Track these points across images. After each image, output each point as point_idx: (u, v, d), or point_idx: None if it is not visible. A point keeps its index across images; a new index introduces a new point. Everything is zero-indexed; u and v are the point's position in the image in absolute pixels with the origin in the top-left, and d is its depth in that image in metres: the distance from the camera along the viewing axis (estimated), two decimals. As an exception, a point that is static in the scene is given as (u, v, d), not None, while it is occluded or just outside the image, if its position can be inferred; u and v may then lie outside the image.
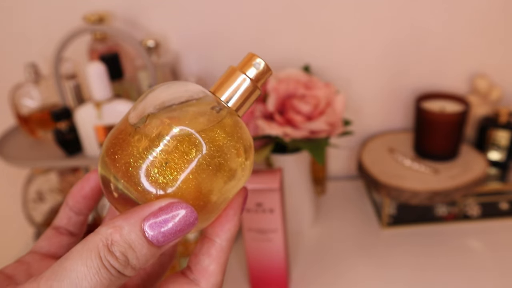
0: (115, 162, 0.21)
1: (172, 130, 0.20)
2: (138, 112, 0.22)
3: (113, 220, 0.19)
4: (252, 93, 0.23)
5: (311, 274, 0.60)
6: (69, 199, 0.26)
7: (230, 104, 0.23)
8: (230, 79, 0.23)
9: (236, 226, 0.23)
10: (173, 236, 0.19)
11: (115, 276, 0.18)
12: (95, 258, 0.18)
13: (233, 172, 0.21)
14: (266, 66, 0.23)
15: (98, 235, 0.18)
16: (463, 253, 0.61)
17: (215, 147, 0.20)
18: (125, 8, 0.67)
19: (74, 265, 0.18)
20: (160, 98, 0.22)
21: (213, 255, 0.22)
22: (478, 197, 0.67)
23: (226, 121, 0.22)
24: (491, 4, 0.67)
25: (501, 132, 0.69)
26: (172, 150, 0.20)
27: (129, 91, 0.63)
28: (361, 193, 0.76)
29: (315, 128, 0.55)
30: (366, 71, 0.73)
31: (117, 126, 0.22)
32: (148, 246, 0.19)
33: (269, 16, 0.68)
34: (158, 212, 0.19)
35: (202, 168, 0.20)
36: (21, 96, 0.63)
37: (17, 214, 0.72)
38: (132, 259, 0.18)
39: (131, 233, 0.18)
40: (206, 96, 0.22)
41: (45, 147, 0.63)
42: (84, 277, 0.18)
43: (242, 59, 0.24)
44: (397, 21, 0.68)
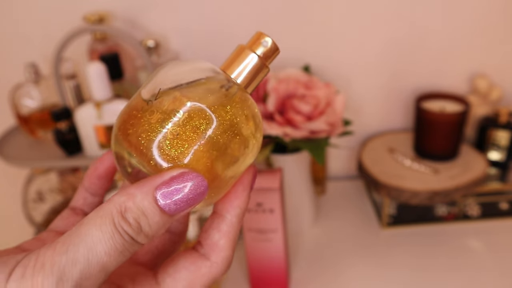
0: (128, 137, 0.21)
1: (185, 105, 0.21)
2: (149, 88, 0.22)
3: (126, 188, 0.20)
4: (261, 71, 0.24)
5: (311, 274, 0.60)
6: (85, 180, 0.26)
7: (239, 81, 0.24)
8: (239, 57, 0.24)
9: (246, 202, 0.23)
10: (184, 204, 0.20)
11: (128, 242, 0.19)
12: (109, 223, 0.18)
13: (242, 145, 0.22)
14: (274, 44, 0.24)
15: (112, 203, 0.19)
16: (463, 253, 0.61)
17: (225, 121, 0.21)
18: (125, 8, 0.67)
19: (89, 230, 0.18)
20: (171, 75, 0.23)
21: (223, 230, 0.22)
22: (478, 197, 0.67)
23: (235, 97, 0.22)
24: (491, 4, 0.67)
25: (501, 132, 0.69)
26: (183, 124, 0.21)
27: (129, 91, 0.63)
28: (361, 193, 0.76)
29: (315, 128, 0.55)
30: (366, 71, 0.73)
31: (129, 103, 0.23)
32: (160, 213, 0.19)
33: (269, 16, 0.68)
34: (169, 181, 0.20)
35: (213, 142, 0.21)
36: (21, 96, 0.63)
37: (17, 214, 0.72)
38: (144, 225, 0.19)
39: (143, 201, 0.19)
40: (216, 74, 0.23)
41: (45, 147, 0.63)
42: (98, 241, 0.18)
43: (251, 37, 0.24)
44: (397, 21, 0.68)
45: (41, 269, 0.17)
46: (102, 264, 0.18)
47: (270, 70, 0.25)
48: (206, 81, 0.23)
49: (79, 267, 0.18)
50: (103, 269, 0.18)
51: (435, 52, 0.71)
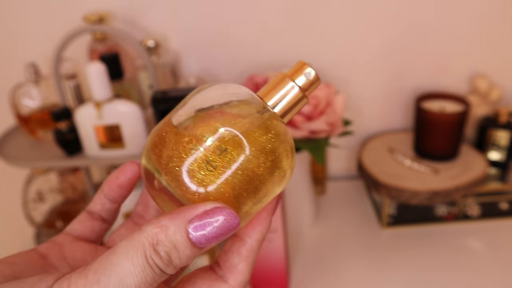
0: (159, 158, 0.21)
1: (218, 131, 0.21)
2: (184, 111, 0.22)
3: (158, 219, 0.20)
4: (300, 102, 0.23)
5: (311, 274, 0.60)
6: (104, 186, 0.26)
7: (277, 110, 0.23)
8: (279, 86, 0.23)
9: (267, 228, 0.23)
10: (214, 239, 0.20)
11: (157, 274, 0.19)
12: (141, 256, 0.18)
13: (276, 177, 0.21)
14: (316, 76, 0.23)
15: (144, 233, 0.19)
16: (463, 253, 0.61)
17: (259, 150, 0.21)
18: (125, 8, 0.67)
19: (120, 260, 0.18)
20: (207, 98, 0.22)
21: (243, 255, 0.22)
22: (478, 197, 0.67)
23: (271, 125, 0.22)
24: (491, 4, 0.67)
25: (501, 132, 0.69)
26: (216, 150, 0.20)
27: (129, 91, 0.63)
28: (361, 193, 0.76)
29: (315, 128, 0.56)
30: (366, 71, 0.73)
31: (163, 123, 0.23)
32: (191, 247, 0.19)
33: (269, 16, 0.68)
34: (203, 215, 0.20)
35: (243, 171, 0.20)
36: (21, 96, 0.63)
37: (17, 214, 0.72)
38: (175, 258, 0.19)
39: (176, 234, 0.19)
40: (253, 99, 0.23)
41: (45, 147, 0.63)
42: (130, 273, 0.18)
43: (292, 66, 0.24)
44: (397, 21, 0.68)
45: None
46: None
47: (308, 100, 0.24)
48: (243, 105, 0.22)
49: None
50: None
51: (435, 52, 0.71)
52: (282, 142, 0.22)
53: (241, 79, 0.72)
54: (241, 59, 0.71)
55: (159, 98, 0.53)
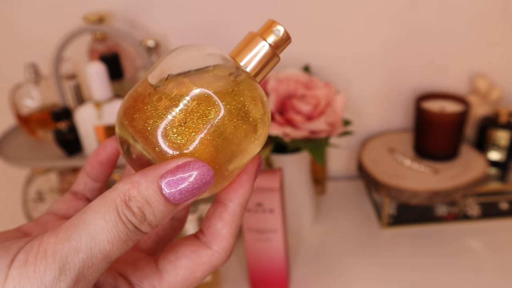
0: (133, 122, 0.21)
1: (192, 91, 0.20)
2: (157, 73, 0.22)
3: (130, 176, 0.19)
4: (271, 60, 0.23)
5: (311, 274, 0.60)
6: (86, 165, 0.26)
7: (249, 69, 0.23)
8: (250, 45, 0.23)
9: (249, 192, 0.23)
10: (189, 194, 0.19)
11: (131, 231, 0.18)
12: (112, 212, 0.18)
13: (250, 134, 0.21)
14: (286, 33, 0.23)
15: (116, 191, 0.19)
16: (463, 253, 0.61)
17: (233, 109, 0.21)
18: (125, 8, 0.67)
19: (92, 218, 0.18)
20: (180, 60, 0.22)
21: (226, 219, 0.22)
22: (478, 197, 0.67)
23: (243, 84, 0.22)
24: (491, 4, 0.67)
25: (501, 132, 0.69)
26: (190, 111, 0.20)
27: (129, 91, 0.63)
28: (361, 193, 0.76)
29: (315, 128, 0.55)
30: (366, 71, 0.73)
31: (135, 87, 0.22)
32: (165, 202, 0.19)
33: (269, 17, 0.68)
34: (175, 169, 0.19)
35: (220, 130, 0.20)
36: (21, 96, 0.63)
37: (17, 214, 0.72)
38: (149, 214, 0.19)
39: (148, 189, 0.19)
40: (225, 61, 0.23)
41: (45, 147, 0.63)
42: (101, 230, 0.18)
43: (263, 25, 0.24)
44: (397, 21, 0.68)
45: (44, 257, 0.17)
46: (104, 253, 0.18)
47: (280, 59, 0.24)
48: (214, 68, 0.22)
49: (82, 255, 0.18)
50: (106, 258, 0.18)
51: (435, 52, 0.71)
52: (256, 102, 0.22)
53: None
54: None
55: (159, 98, 0.53)
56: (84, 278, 0.18)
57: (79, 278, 0.18)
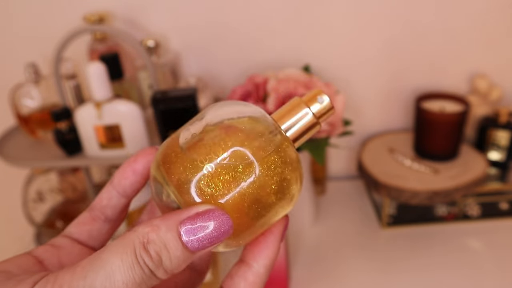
0: (169, 171, 0.21)
1: (229, 150, 0.20)
2: (195, 126, 0.22)
3: (151, 220, 0.19)
4: (312, 128, 0.23)
5: (311, 274, 0.60)
6: (115, 176, 0.25)
7: (289, 134, 0.23)
8: (293, 110, 0.23)
9: (275, 254, 0.22)
10: (207, 242, 0.19)
11: (147, 275, 0.18)
12: (130, 253, 0.18)
13: (283, 198, 0.21)
14: (330, 104, 0.23)
15: (135, 233, 0.19)
16: (463, 253, 0.61)
17: (267, 172, 0.21)
18: (125, 8, 0.67)
19: (110, 257, 0.18)
20: (219, 114, 0.22)
21: (249, 280, 0.22)
22: (478, 197, 0.67)
23: (283, 149, 0.21)
24: (491, 4, 0.67)
25: (501, 132, 0.69)
26: (226, 169, 0.20)
27: (129, 91, 0.63)
28: (361, 193, 0.76)
29: (315, 128, 0.55)
30: (366, 71, 0.73)
31: (174, 136, 0.22)
32: (182, 249, 0.19)
33: (269, 17, 0.68)
34: (195, 216, 0.19)
35: (251, 191, 0.20)
36: (21, 96, 0.63)
37: (17, 214, 0.72)
38: (165, 260, 0.19)
39: (167, 234, 0.19)
40: (265, 119, 0.22)
41: (45, 147, 0.63)
42: (118, 269, 0.18)
43: (308, 93, 0.24)
44: (397, 21, 0.68)
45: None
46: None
47: (321, 127, 0.24)
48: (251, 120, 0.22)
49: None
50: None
51: (435, 52, 0.71)
52: (293, 167, 0.22)
53: (241, 79, 0.72)
54: (241, 59, 0.71)
55: (159, 98, 0.53)
56: None
57: None
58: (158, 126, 0.54)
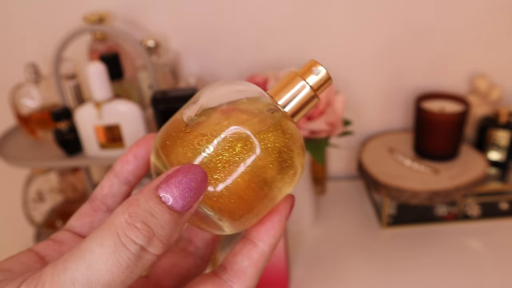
0: (168, 156, 0.21)
1: (228, 129, 0.20)
2: (193, 108, 0.22)
3: (127, 199, 0.18)
4: (310, 101, 0.23)
5: (311, 274, 0.60)
6: (117, 163, 0.24)
7: (287, 109, 0.23)
8: (289, 84, 0.23)
9: (281, 234, 0.22)
10: (188, 196, 0.18)
11: (135, 254, 0.17)
12: (111, 236, 0.17)
13: (285, 176, 0.21)
14: (327, 74, 0.23)
15: (114, 214, 0.17)
16: (463, 253, 0.61)
17: (268, 150, 0.20)
18: (125, 8, 0.67)
19: (89, 245, 0.17)
20: (216, 95, 0.22)
21: (254, 258, 0.21)
22: (478, 197, 0.67)
23: (281, 124, 0.21)
24: (491, 4, 0.67)
25: (501, 132, 0.69)
26: (225, 149, 0.20)
27: (129, 91, 0.63)
28: (361, 193, 0.76)
29: (315, 128, 0.56)
30: (366, 71, 0.73)
31: (172, 121, 0.22)
32: (169, 211, 0.18)
33: (269, 16, 0.68)
34: (167, 178, 0.18)
35: (254, 170, 0.20)
36: (21, 96, 0.63)
37: (17, 214, 0.72)
38: (156, 227, 0.17)
39: (148, 202, 0.18)
40: (262, 97, 0.22)
41: (45, 147, 0.63)
42: (99, 257, 0.16)
43: (303, 64, 0.23)
44: (397, 21, 0.68)
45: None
46: (104, 283, 0.16)
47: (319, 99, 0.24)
48: (253, 103, 0.22)
49: (78, 287, 0.16)
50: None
51: (435, 52, 0.71)
52: (293, 141, 0.21)
53: (241, 79, 0.72)
54: (241, 59, 0.71)
55: (159, 98, 0.53)
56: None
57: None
58: (158, 126, 0.55)
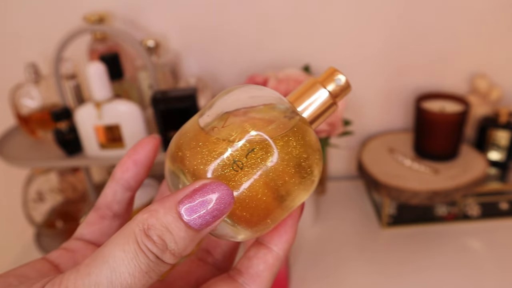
0: (184, 159, 0.21)
1: (248, 134, 0.20)
2: (211, 112, 0.22)
3: (148, 206, 0.19)
4: (329, 108, 0.23)
5: (311, 274, 0.60)
6: (117, 170, 0.24)
7: (305, 115, 0.23)
8: (309, 91, 0.23)
9: (294, 238, 0.22)
10: (210, 217, 0.19)
11: (153, 261, 0.18)
12: (132, 243, 0.17)
13: (302, 182, 0.21)
14: (346, 82, 0.23)
15: (134, 221, 0.18)
16: (463, 253, 0.61)
17: (286, 156, 0.20)
18: (125, 8, 0.67)
19: (111, 250, 0.18)
20: (234, 100, 0.22)
21: (269, 262, 0.22)
22: (478, 197, 0.67)
23: (300, 130, 0.21)
24: (491, 4, 0.67)
25: (501, 132, 0.69)
26: (243, 153, 0.20)
27: (129, 91, 0.63)
28: (361, 193, 0.76)
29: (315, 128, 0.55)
30: (366, 71, 0.73)
31: (189, 124, 0.22)
32: (186, 228, 0.18)
33: (269, 17, 0.68)
34: (192, 193, 0.19)
35: (271, 175, 0.20)
36: (21, 96, 0.63)
37: (17, 214, 0.72)
38: (170, 242, 0.18)
39: (167, 216, 0.18)
40: (281, 103, 0.22)
41: (45, 147, 0.63)
42: (121, 262, 0.17)
43: (323, 72, 0.23)
44: (397, 21, 0.68)
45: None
46: (126, 286, 0.17)
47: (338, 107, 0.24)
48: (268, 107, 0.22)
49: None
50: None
51: (435, 52, 0.71)
52: (311, 148, 0.21)
53: (241, 79, 0.72)
54: (241, 59, 0.71)
55: (159, 98, 0.53)
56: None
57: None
58: (158, 126, 0.54)
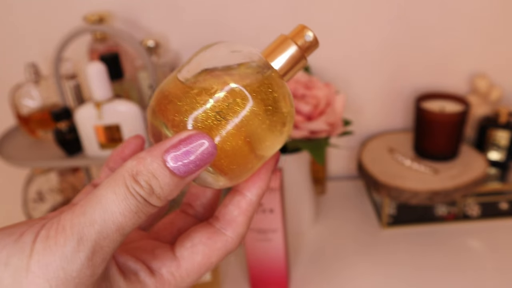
0: (166, 112, 0.22)
1: (227, 85, 0.22)
2: (191, 68, 0.23)
3: (137, 154, 0.21)
4: (299, 62, 0.25)
5: (311, 274, 0.60)
6: (110, 160, 0.27)
7: (277, 68, 0.24)
8: (280, 46, 0.25)
9: (267, 185, 0.24)
10: (193, 165, 0.20)
11: (141, 203, 0.20)
12: (121, 186, 0.19)
13: (277, 128, 0.23)
14: (315, 38, 0.25)
15: (124, 167, 0.20)
16: (463, 253, 0.61)
17: (262, 103, 0.22)
18: (125, 8, 0.67)
19: (103, 192, 0.20)
20: (213, 57, 0.24)
21: (243, 208, 0.24)
22: (478, 197, 0.67)
23: (272, 80, 0.23)
24: (491, 4, 0.67)
25: (501, 132, 0.69)
26: (221, 103, 0.21)
27: (129, 91, 0.63)
28: (361, 193, 0.76)
29: (315, 128, 0.55)
30: (366, 71, 0.73)
31: (169, 79, 0.23)
32: (171, 175, 0.20)
33: (269, 17, 0.68)
34: (178, 144, 0.20)
35: (249, 123, 0.22)
36: (21, 96, 0.63)
37: (17, 214, 0.72)
38: (156, 188, 0.20)
39: (153, 163, 0.20)
40: (256, 59, 0.24)
41: (45, 147, 0.63)
42: (113, 202, 0.19)
43: (293, 29, 0.25)
44: (396, 21, 0.68)
45: (63, 231, 0.19)
46: (117, 224, 0.19)
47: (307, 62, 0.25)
48: (243, 65, 0.24)
49: (97, 227, 0.19)
50: (119, 230, 0.19)
51: (435, 52, 0.71)
52: (283, 96, 0.23)
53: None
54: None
55: (159, 98, 0.53)
56: (100, 249, 0.19)
57: (96, 248, 0.19)
58: (158, 126, 0.54)
